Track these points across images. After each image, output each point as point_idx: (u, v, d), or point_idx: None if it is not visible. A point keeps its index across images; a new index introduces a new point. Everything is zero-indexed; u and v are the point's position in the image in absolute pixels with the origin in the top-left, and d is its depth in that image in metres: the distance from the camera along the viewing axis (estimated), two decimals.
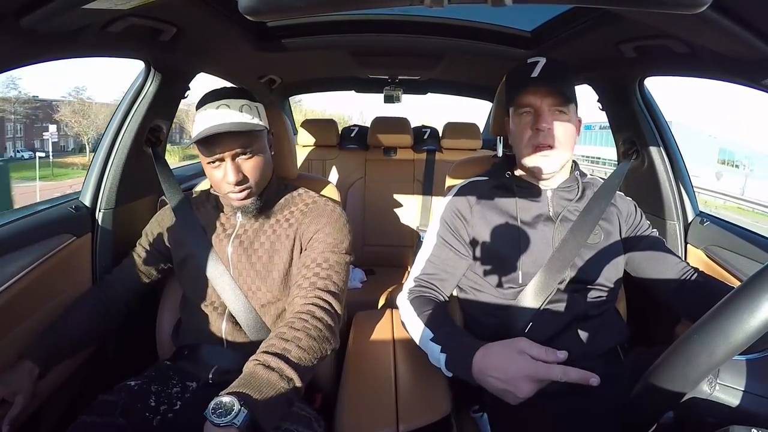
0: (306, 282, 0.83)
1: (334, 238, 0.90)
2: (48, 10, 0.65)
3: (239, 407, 0.57)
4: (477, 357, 0.72)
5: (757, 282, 0.47)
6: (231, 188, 0.87)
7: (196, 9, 0.95)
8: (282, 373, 0.65)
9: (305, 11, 0.43)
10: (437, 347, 0.79)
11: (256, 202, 0.91)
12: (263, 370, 0.65)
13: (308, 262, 0.87)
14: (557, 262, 0.86)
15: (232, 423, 0.56)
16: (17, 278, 0.87)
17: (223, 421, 0.56)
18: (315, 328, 0.75)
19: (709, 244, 1.10)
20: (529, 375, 0.65)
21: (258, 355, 0.68)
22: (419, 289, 0.94)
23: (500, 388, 0.68)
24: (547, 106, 0.85)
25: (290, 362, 0.67)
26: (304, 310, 0.78)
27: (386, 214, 2.13)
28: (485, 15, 1.35)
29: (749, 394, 0.54)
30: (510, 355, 0.68)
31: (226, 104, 0.86)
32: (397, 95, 2.29)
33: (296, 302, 0.81)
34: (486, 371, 0.70)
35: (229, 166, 0.85)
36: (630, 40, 0.98)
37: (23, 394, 0.77)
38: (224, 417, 0.56)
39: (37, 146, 30.16)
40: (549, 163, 0.88)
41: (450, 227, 0.95)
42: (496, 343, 0.73)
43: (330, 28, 1.37)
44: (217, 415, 0.57)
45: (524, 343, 0.69)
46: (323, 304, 0.80)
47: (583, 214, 0.90)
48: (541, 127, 0.85)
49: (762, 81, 0.78)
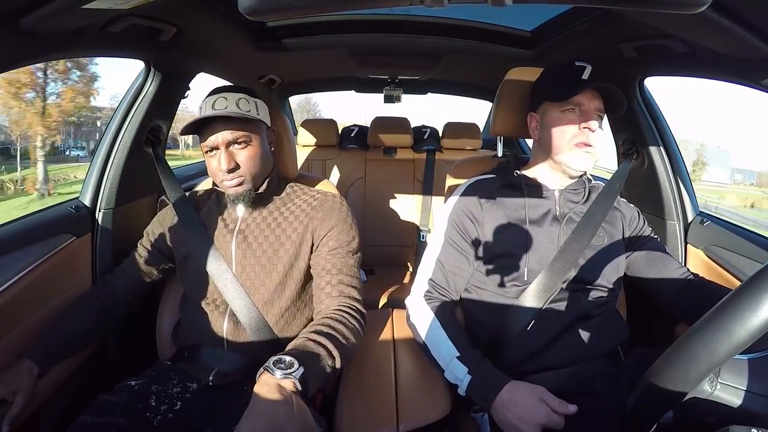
0: (335, 290, 0.89)
1: (349, 237, 0.95)
2: (48, 10, 0.65)
3: (298, 365, 0.65)
4: (504, 391, 0.76)
5: (759, 281, 0.47)
6: (224, 176, 0.89)
7: (196, 9, 0.96)
8: (329, 352, 0.74)
9: (305, 11, 0.43)
10: (463, 368, 0.81)
11: (250, 193, 0.93)
12: (314, 345, 0.74)
13: (329, 267, 0.91)
14: (561, 263, 0.86)
15: (291, 375, 0.63)
16: (17, 278, 0.87)
17: (284, 373, 0.63)
18: (351, 323, 0.84)
19: (709, 244, 1.10)
20: (542, 423, 0.71)
21: (308, 333, 0.77)
22: (434, 293, 0.95)
23: (513, 424, 0.73)
24: (593, 108, 0.89)
25: (337, 344, 0.76)
26: (338, 310, 0.85)
27: (386, 214, 2.13)
28: (485, 15, 1.35)
29: (750, 394, 0.54)
30: (533, 399, 0.73)
31: (224, 96, 0.90)
32: (397, 95, 2.29)
33: (328, 303, 0.88)
34: (508, 405, 0.74)
35: (223, 153, 0.88)
36: (630, 40, 0.98)
37: (23, 393, 0.77)
38: (284, 370, 0.64)
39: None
40: (589, 161, 0.91)
41: (459, 227, 0.96)
42: (521, 383, 0.77)
43: (330, 28, 1.37)
44: (278, 368, 0.64)
45: (545, 392, 0.74)
46: (353, 305, 0.88)
47: (587, 216, 0.91)
48: (591, 126, 0.88)
49: (762, 81, 0.78)
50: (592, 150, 0.90)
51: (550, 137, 0.93)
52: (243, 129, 0.89)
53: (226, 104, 0.88)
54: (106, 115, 21.93)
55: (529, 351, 0.86)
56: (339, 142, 2.33)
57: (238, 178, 0.90)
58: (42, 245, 0.95)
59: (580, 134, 0.89)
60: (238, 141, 0.89)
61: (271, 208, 0.97)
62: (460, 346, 0.85)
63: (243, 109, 0.89)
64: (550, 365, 0.85)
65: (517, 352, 0.87)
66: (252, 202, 0.94)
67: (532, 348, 0.86)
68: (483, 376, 0.80)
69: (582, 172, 0.93)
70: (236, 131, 0.88)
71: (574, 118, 0.90)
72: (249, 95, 0.92)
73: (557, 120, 0.91)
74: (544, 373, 0.85)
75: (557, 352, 0.86)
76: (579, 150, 0.90)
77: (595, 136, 0.89)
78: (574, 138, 0.90)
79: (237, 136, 0.88)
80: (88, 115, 22.47)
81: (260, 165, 0.92)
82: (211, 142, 0.88)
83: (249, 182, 0.92)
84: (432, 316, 0.90)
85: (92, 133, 24.06)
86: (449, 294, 0.95)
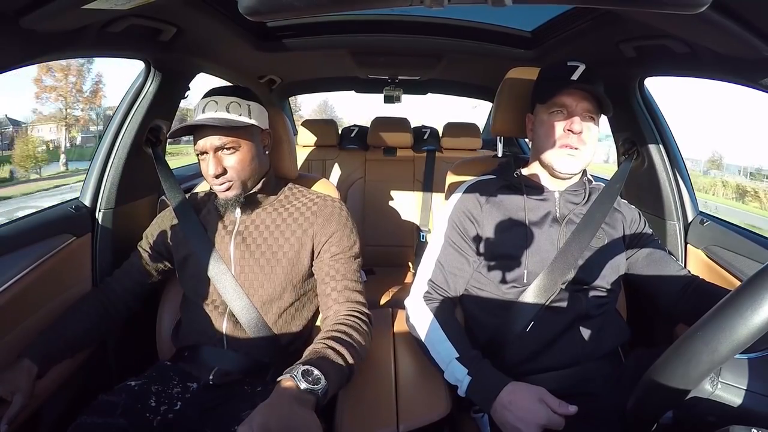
0: (341, 296, 0.90)
1: (350, 242, 0.95)
2: (48, 10, 0.65)
3: (325, 383, 0.66)
4: (504, 392, 0.76)
5: (759, 281, 0.47)
6: (213, 180, 0.90)
7: (196, 9, 0.96)
8: (348, 362, 0.75)
9: (305, 11, 0.43)
10: (463, 369, 0.81)
11: (240, 197, 0.93)
12: (334, 355, 0.74)
13: (332, 273, 0.92)
14: (561, 264, 0.86)
15: (316, 391, 0.64)
16: (17, 278, 0.87)
17: (311, 388, 0.64)
18: (362, 328, 0.85)
19: (709, 244, 1.10)
20: (542, 424, 0.71)
21: (328, 341, 0.77)
22: (433, 294, 0.95)
23: (512, 424, 0.73)
24: (581, 110, 0.87)
25: (353, 353, 0.77)
26: (350, 315, 0.86)
27: (386, 214, 2.13)
28: (485, 15, 1.35)
29: (751, 393, 0.54)
30: (533, 400, 0.73)
31: (215, 100, 0.90)
32: (397, 95, 2.29)
33: (337, 309, 0.89)
34: (508, 406, 0.74)
35: (211, 158, 0.89)
36: (630, 40, 0.98)
37: (22, 393, 0.77)
38: (312, 385, 0.64)
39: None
40: (574, 164, 0.89)
41: (459, 228, 0.95)
42: (521, 384, 0.77)
43: (330, 28, 1.37)
44: (306, 380, 0.64)
45: (545, 393, 0.74)
46: (361, 310, 0.89)
47: (586, 217, 0.90)
48: (573, 129, 0.87)
49: (761, 81, 0.78)
50: (576, 153, 0.88)
51: (540, 139, 0.93)
52: (231, 135, 0.88)
53: (216, 108, 0.89)
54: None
55: (529, 351, 0.86)
56: (339, 142, 2.33)
57: (227, 183, 0.90)
58: (42, 245, 0.95)
59: (564, 136, 0.88)
60: (226, 147, 0.88)
61: (269, 210, 0.97)
62: (460, 346, 0.85)
63: (233, 114, 0.89)
64: (550, 366, 0.85)
65: (517, 352, 0.87)
66: (245, 204, 0.94)
67: (532, 348, 0.86)
68: (483, 377, 0.80)
69: (568, 174, 0.91)
70: (224, 137, 0.88)
71: (561, 119, 0.89)
72: (243, 98, 0.92)
73: (545, 121, 0.91)
74: (544, 374, 0.85)
75: (557, 352, 0.86)
76: (563, 152, 0.89)
77: (585, 136, 0.87)
78: (559, 140, 0.89)
79: (225, 142, 0.88)
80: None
81: (249, 169, 0.92)
82: (201, 147, 0.89)
83: (238, 187, 0.91)
84: (431, 317, 0.90)
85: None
86: (449, 295, 0.95)
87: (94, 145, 6.37)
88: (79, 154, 23.09)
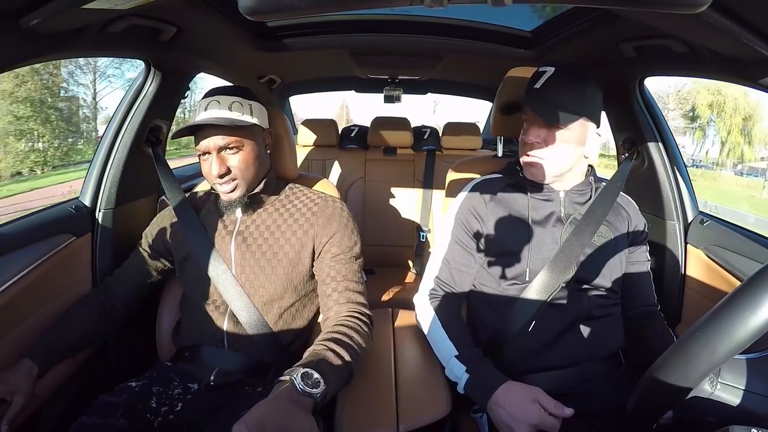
0: (342, 297, 0.90)
1: (351, 242, 0.95)
2: (48, 10, 0.65)
3: (324, 386, 0.66)
4: (499, 390, 0.76)
5: (759, 281, 0.47)
6: (216, 180, 0.89)
7: (196, 9, 0.95)
8: (348, 365, 0.75)
9: (305, 11, 0.43)
10: (462, 367, 0.82)
11: (244, 198, 0.92)
12: (334, 357, 0.74)
13: (333, 273, 0.92)
14: (562, 261, 0.86)
15: (315, 395, 0.64)
16: (17, 278, 0.87)
17: (309, 391, 0.64)
18: (363, 329, 0.84)
19: (709, 244, 1.10)
20: (534, 424, 0.71)
21: (327, 342, 0.76)
22: (438, 291, 0.96)
23: (505, 423, 0.73)
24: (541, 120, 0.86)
25: (353, 355, 0.77)
26: (350, 316, 0.86)
27: (386, 213, 2.13)
28: (485, 15, 1.35)
29: (750, 393, 0.54)
30: (527, 399, 0.73)
31: (217, 100, 0.89)
32: (397, 95, 2.28)
33: (337, 310, 0.88)
34: (501, 404, 0.75)
35: (214, 158, 0.88)
36: (630, 40, 0.98)
37: (22, 393, 0.77)
38: (311, 388, 0.64)
39: None
40: (537, 173, 0.90)
41: (465, 226, 0.96)
42: (517, 383, 0.77)
43: (330, 28, 1.37)
44: (305, 383, 0.64)
45: (540, 393, 0.74)
46: (362, 310, 0.89)
47: (587, 214, 0.90)
48: (527, 140, 0.88)
49: (761, 81, 0.78)
50: (538, 162, 0.88)
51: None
52: (234, 134, 0.88)
53: (219, 108, 0.88)
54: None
55: (530, 350, 0.86)
56: (339, 142, 2.33)
57: (231, 183, 0.90)
58: (42, 245, 0.95)
59: (524, 147, 0.90)
60: (230, 146, 0.88)
61: (270, 210, 0.97)
62: (460, 344, 0.85)
63: (236, 113, 0.89)
64: (550, 365, 0.86)
65: (517, 350, 0.87)
66: (248, 204, 0.94)
67: (532, 347, 0.86)
68: (480, 375, 0.80)
69: (539, 181, 0.91)
70: (227, 137, 0.87)
71: (525, 127, 0.90)
72: (244, 97, 0.92)
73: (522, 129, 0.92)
74: (544, 373, 0.85)
75: (557, 352, 0.86)
76: (527, 162, 0.90)
77: (549, 144, 0.86)
78: (521, 150, 0.91)
79: (228, 142, 0.88)
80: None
81: (253, 169, 0.92)
82: (203, 147, 0.88)
83: (242, 187, 0.91)
84: (433, 314, 0.91)
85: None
86: (455, 291, 0.95)
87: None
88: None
